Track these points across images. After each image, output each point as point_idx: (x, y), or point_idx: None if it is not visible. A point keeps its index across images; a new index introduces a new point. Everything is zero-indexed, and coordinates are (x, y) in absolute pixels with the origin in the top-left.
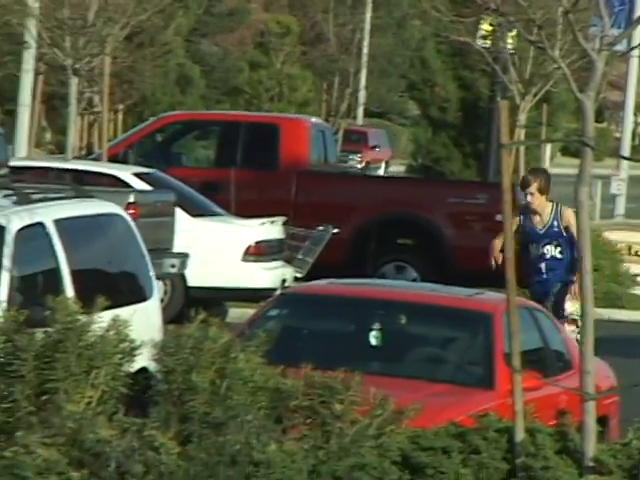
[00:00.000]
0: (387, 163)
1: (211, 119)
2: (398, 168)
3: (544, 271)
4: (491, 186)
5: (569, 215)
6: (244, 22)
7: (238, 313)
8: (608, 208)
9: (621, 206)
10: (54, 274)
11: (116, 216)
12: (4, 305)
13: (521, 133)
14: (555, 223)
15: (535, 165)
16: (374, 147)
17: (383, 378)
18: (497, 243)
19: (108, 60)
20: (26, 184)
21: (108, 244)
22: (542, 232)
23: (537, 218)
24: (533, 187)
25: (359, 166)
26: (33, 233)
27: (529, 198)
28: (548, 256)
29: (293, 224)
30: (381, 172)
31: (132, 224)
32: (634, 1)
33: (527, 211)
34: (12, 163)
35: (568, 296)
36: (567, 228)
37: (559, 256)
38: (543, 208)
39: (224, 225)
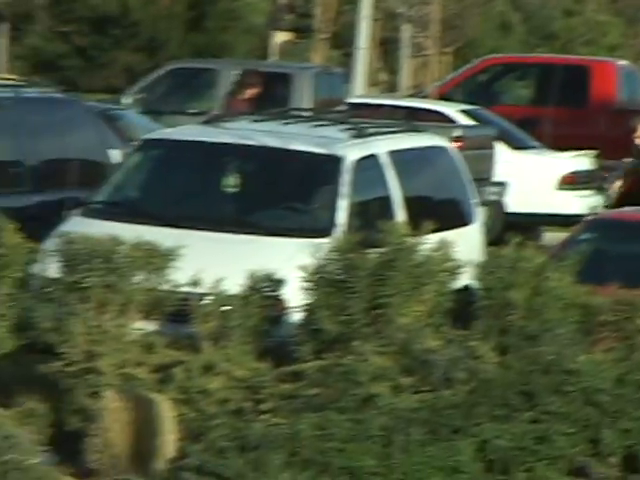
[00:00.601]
0: None
1: (529, 62)
2: None
3: None
4: None
5: None
6: None
7: (552, 237)
8: None
9: None
10: (386, 200)
11: (443, 148)
12: (343, 228)
13: None
14: None
15: None
16: None
17: None
18: None
19: (437, 8)
20: (362, 119)
21: (435, 174)
22: None
23: None
24: None
25: None
26: (368, 163)
27: None
28: None
29: (604, 157)
30: None
31: (458, 156)
32: None
33: None
34: (350, 100)
35: None
36: None
37: None
38: None
39: (541, 157)
